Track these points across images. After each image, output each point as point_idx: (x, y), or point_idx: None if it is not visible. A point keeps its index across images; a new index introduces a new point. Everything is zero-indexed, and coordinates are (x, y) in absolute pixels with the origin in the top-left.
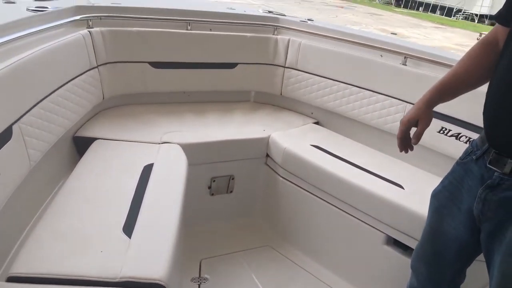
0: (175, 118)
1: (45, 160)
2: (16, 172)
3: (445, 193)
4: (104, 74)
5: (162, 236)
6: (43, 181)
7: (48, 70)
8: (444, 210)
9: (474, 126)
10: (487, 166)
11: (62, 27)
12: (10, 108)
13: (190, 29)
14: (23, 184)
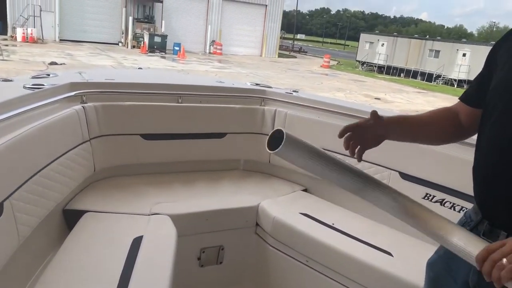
0: (165, 188)
1: (34, 235)
2: (4, 248)
3: (440, 263)
4: (96, 147)
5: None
6: (32, 256)
7: (41, 146)
8: (440, 281)
9: (458, 192)
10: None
11: (57, 103)
12: (2, 184)
13: (181, 102)
14: (11, 259)
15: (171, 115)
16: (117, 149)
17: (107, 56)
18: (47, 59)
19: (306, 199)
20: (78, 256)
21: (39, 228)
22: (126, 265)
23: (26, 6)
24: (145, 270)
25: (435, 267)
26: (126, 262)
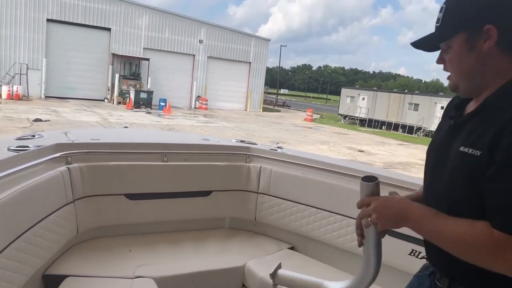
0: (150, 249)
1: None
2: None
3: None
4: (79, 208)
5: None
6: None
7: (24, 209)
8: None
9: None
10: (435, 283)
11: (42, 164)
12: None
13: (166, 160)
14: None
15: (156, 174)
16: (101, 210)
17: (92, 112)
18: (32, 116)
19: (293, 257)
20: None
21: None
22: None
23: (13, 64)
24: None
25: None
26: None
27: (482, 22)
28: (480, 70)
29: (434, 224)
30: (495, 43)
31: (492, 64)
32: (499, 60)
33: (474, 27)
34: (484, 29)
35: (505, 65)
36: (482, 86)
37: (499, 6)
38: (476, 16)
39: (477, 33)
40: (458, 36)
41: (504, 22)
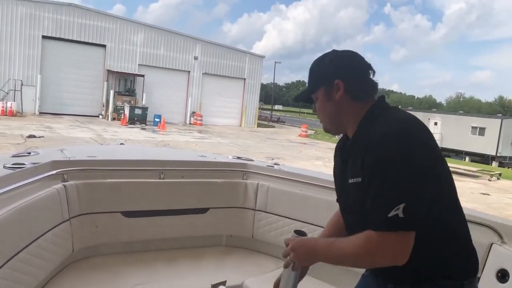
0: (146, 268)
1: None
2: None
3: None
4: (75, 226)
5: None
6: None
7: (19, 228)
8: None
9: None
10: (378, 281)
11: (38, 182)
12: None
13: (163, 177)
14: None
15: (153, 191)
16: (97, 228)
17: (87, 128)
18: (26, 132)
19: None
20: None
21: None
22: None
23: (7, 80)
24: None
25: None
26: None
27: (333, 78)
28: (338, 114)
29: (335, 251)
30: (344, 93)
31: (346, 109)
32: (351, 106)
33: (328, 82)
34: (335, 83)
35: (356, 108)
36: (343, 126)
37: (345, 67)
38: (329, 74)
39: (331, 86)
40: (319, 90)
41: (349, 78)
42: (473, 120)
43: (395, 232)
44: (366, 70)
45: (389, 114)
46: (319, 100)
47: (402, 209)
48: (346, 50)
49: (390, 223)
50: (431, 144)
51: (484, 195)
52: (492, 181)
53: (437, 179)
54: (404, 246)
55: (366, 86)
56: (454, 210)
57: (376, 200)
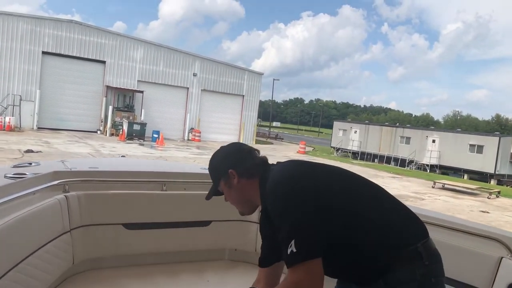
0: (147, 282)
1: None
2: None
3: None
4: (76, 238)
5: None
6: None
7: (20, 238)
8: None
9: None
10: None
11: (39, 192)
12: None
13: (165, 189)
14: None
15: (155, 203)
16: (98, 240)
17: (85, 143)
18: (23, 147)
19: None
20: None
21: None
22: None
23: (6, 95)
24: None
25: None
26: None
27: (227, 169)
28: (242, 195)
29: None
30: (239, 177)
31: (247, 188)
32: (248, 184)
33: (224, 174)
34: (229, 172)
35: (254, 184)
36: (253, 202)
37: (232, 157)
38: (222, 168)
39: (227, 177)
40: (221, 183)
41: (237, 164)
42: (471, 138)
43: (300, 264)
44: (248, 153)
45: (270, 176)
46: (225, 191)
47: (293, 245)
48: (229, 144)
49: (291, 258)
50: (308, 182)
51: (483, 213)
52: (491, 199)
53: (323, 206)
54: (311, 273)
55: (253, 165)
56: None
57: (282, 242)
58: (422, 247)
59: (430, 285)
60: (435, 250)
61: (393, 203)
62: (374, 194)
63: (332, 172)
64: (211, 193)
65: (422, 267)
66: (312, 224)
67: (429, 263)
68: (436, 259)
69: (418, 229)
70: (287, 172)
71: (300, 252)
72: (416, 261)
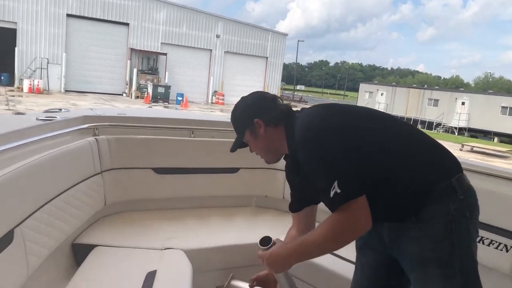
0: (177, 223)
1: (42, 267)
2: (14, 279)
3: (360, 243)
4: (107, 180)
5: None
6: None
7: (53, 175)
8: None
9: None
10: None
11: (69, 135)
12: (14, 211)
13: (193, 136)
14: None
15: (183, 149)
16: (129, 183)
17: (111, 106)
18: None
19: None
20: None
21: (48, 261)
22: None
23: (34, 58)
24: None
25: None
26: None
27: (252, 119)
28: (269, 143)
29: (305, 249)
30: (265, 125)
31: (273, 136)
32: (275, 132)
33: (249, 124)
34: (255, 122)
35: (280, 131)
36: (279, 150)
37: (256, 106)
38: (246, 118)
39: (253, 126)
40: (246, 133)
41: (263, 113)
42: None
43: (344, 206)
44: (272, 101)
45: (296, 124)
46: (250, 141)
47: (337, 186)
48: (251, 93)
49: (335, 201)
50: (337, 124)
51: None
52: None
53: (355, 145)
54: (358, 212)
55: (278, 112)
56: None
57: (320, 189)
58: (456, 182)
59: (464, 219)
60: (470, 186)
61: (425, 139)
62: (405, 131)
63: (360, 111)
64: (236, 145)
65: (456, 202)
66: (350, 163)
67: (464, 198)
68: (471, 194)
69: (451, 164)
70: (314, 117)
71: (344, 192)
72: (451, 195)
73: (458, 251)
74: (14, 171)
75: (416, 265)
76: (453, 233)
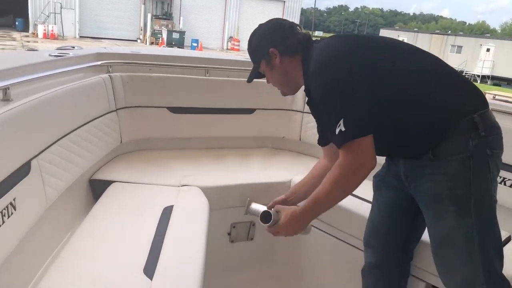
0: (193, 162)
1: (60, 201)
2: (32, 209)
3: (378, 179)
4: (122, 118)
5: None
6: (58, 223)
7: (68, 109)
8: (380, 186)
9: None
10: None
11: (82, 71)
12: (30, 143)
13: (208, 75)
14: (38, 224)
15: (199, 88)
16: (144, 122)
17: None
18: None
19: None
20: (106, 224)
21: (65, 195)
22: (157, 232)
23: (47, 3)
24: (177, 240)
25: (375, 180)
26: (156, 231)
27: (267, 49)
28: (286, 74)
29: (318, 204)
30: (281, 55)
31: (290, 67)
32: (291, 62)
33: (265, 54)
34: (270, 52)
35: (297, 61)
36: (295, 82)
37: (271, 35)
38: (262, 47)
39: (268, 56)
40: (262, 63)
41: (278, 42)
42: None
43: (349, 143)
44: (290, 29)
45: (313, 55)
46: (266, 72)
47: (342, 123)
48: (269, 20)
49: (340, 138)
50: (353, 58)
51: None
52: None
53: (371, 81)
54: (360, 155)
55: (295, 41)
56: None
57: (327, 124)
58: (479, 118)
59: (484, 156)
60: (495, 122)
61: (449, 71)
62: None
63: (379, 43)
64: (252, 76)
65: (476, 138)
66: (360, 101)
67: (486, 135)
68: (495, 131)
69: (476, 99)
70: (331, 49)
71: (349, 130)
72: (471, 131)
73: (475, 189)
74: (28, 103)
75: (431, 202)
76: (470, 171)
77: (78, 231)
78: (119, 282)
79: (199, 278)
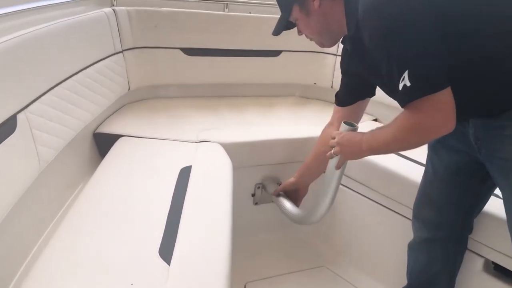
0: (211, 114)
1: (59, 161)
2: (22, 173)
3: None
4: (130, 60)
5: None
6: (56, 187)
7: (64, 49)
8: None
9: None
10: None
11: (81, 4)
12: (16, 92)
13: (227, 11)
14: (31, 190)
15: (216, 26)
16: (154, 65)
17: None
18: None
19: None
20: (114, 189)
21: (65, 153)
22: (174, 201)
23: None
24: (199, 208)
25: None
26: (174, 197)
27: None
28: (325, 21)
29: (379, 142)
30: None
31: (330, 12)
32: (333, 6)
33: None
34: None
35: (339, 7)
36: (336, 30)
37: None
38: None
39: (304, 0)
40: (294, 9)
41: None
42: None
43: (416, 103)
44: None
45: None
46: (300, 20)
47: (407, 77)
48: None
49: (403, 96)
50: None
51: None
52: None
53: (439, 28)
54: (434, 114)
55: None
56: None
57: (386, 79)
58: None
59: None
60: None
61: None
62: None
63: None
64: (281, 26)
65: None
66: (429, 50)
67: None
68: None
69: None
70: None
71: (415, 86)
72: None
73: None
74: (13, 39)
75: (508, 169)
76: None
77: (79, 199)
78: (128, 268)
79: (226, 255)
